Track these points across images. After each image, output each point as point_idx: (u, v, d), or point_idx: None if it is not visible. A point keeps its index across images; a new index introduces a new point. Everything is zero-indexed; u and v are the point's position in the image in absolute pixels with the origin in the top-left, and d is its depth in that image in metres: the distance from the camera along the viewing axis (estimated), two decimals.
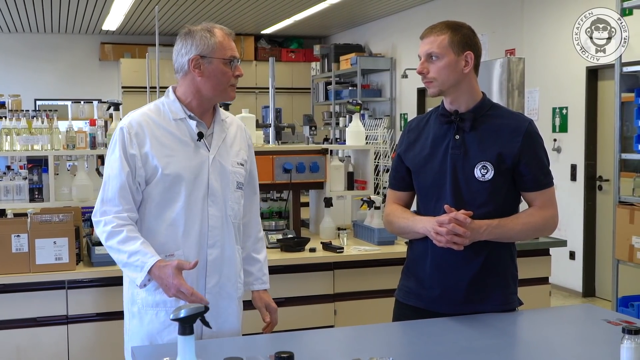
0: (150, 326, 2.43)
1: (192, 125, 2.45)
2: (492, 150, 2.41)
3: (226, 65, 2.43)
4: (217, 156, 2.48)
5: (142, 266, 2.29)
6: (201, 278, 2.45)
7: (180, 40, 2.45)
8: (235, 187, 2.53)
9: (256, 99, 12.22)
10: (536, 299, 3.94)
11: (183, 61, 2.43)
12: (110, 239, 2.35)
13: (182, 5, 9.64)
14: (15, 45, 12.08)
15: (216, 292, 2.48)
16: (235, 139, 2.59)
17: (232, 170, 2.52)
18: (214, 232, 2.46)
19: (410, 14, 10.14)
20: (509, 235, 2.43)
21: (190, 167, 2.42)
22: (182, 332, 1.73)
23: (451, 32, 2.42)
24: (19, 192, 3.90)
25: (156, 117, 2.45)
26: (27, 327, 3.39)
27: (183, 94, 2.47)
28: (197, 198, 2.43)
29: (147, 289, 2.42)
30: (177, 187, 2.41)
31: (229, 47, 2.44)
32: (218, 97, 2.48)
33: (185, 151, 2.43)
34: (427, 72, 2.44)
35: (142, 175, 2.40)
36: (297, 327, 3.50)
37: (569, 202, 6.97)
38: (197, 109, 2.47)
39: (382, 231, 4.01)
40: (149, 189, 2.42)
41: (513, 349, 2.25)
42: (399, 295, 2.62)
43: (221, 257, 2.49)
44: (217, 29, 2.44)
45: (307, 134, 4.94)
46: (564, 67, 7.18)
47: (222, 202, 2.48)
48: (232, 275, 2.54)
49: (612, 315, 2.56)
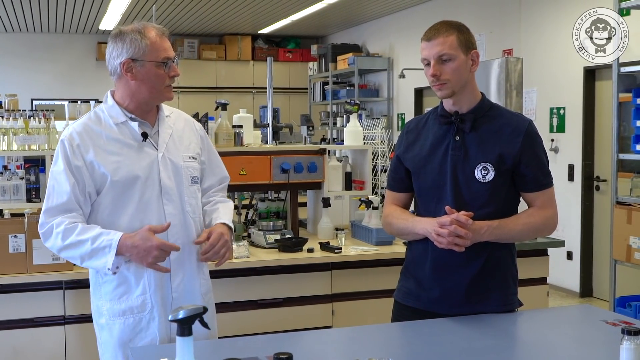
0: (121, 335, 2.40)
1: (135, 126, 2.41)
2: (493, 151, 2.40)
3: (159, 67, 2.37)
4: (166, 153, 2.44)
5: (110, 244, 2.24)
6: (166, 278, 2.42)
7: (111, 43, 2.39)
8: (190, 182, 2.49)
9: (253, 99, 12.22)
10: (534, 299, 3.94)
11: (115, 64, 2.38)
12: (68, 235, 2.29)
13: (179, 5, 9.63)
14: (12, 45, 12.05)
15: (182, 290, 2.45)
16: (184, 133, 2.54)
17: (185, 165, 2.48)
18: (174, 230, 2.42)
19: (408, 14, 10.14)
20: (509, 235, 2.43)
21: (139, 168, 2.38)
22: (181, 333, 1.72)
23: (458, 32, 2.40)
24: (16, 192, 3.89)
25: (96, 125, 2.41)
26: (24, 327, 3.38)
27: (120, 98, 2.43)
28: (151, 198, 2.39)
29: (111, 298, 2.39)
30: (129, 191, 2.36)
31: (162, 48, 2.38)
32: (154, 99, 2.43)
33: (132, 154, 2.39)
34: (440, 75, 2.39)
35: (91, 186, 2.36)
36: (295, 327, 3.51)
37: (567, 202, 6.97)
38: (136, 110, 2.43)
39: (380, 231, 4.01)
40: (100, 198, 2.38)
41: (513, 350, 2.25)
42: (397, 296, 2.61)
43: (183, 254, 2.44)
44: (150, 28, 2.38)
45: (304, 134, 4.94)
46: (561, 67, 7.18)
47: (178, 198, 2.44)
48: (195, 271, 2.50)
49: (611, 315, 2.56)
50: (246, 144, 4.23)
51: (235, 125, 4.20)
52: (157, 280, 2.40)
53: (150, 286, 2.39)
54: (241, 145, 4.16)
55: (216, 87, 12.03)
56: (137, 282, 2.39)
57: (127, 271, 2.39)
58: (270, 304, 3.73)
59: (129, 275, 2.39)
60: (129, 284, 2.39)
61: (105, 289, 2.41)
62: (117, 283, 2.39)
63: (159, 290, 2.40)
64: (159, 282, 2.40)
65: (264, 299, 3.71)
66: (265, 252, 3.89)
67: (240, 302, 3.68)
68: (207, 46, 12.44)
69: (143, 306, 2.39)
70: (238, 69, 12.49)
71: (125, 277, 2.39)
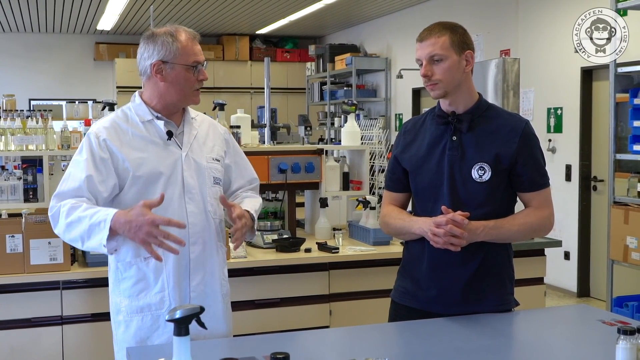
0: (139, 333, 2.41)
1: (160, 125, 2.43)
2: (490, 151, 2.41)
3: (189, 70, 2.40)
4: (190, 153, 2.46)
5: (105, 219, 2.20)
6: (184, 277, 2.43)
7: (143, 44, 2.42)
8: (212, 183, 2.50)
9: (251, 99, 12.22)
10: (531, 299, 3.94)
11: (145, 65, 2.41)
12: (71, 213, 2.25)
13: (177, 5, 9.63)
14: (9, 45, 12.04)
15: (200, 290, 2.46)
16: (208, 135, 2.56)
17: (208, 166, 2.50)
18: (195, 229, 2.43)
19: (405, 15, 10.14)
20: (505, 235, 2.43)
21: (162, 166, 2.40)
22: (178, 333, 1.72)
23: (450, 33, 2.41)
24: (13, 192, 3.89)
25: (124, 122, 2.43)
26: (21, 327, 3.38)
27: (148, 98, 2.46)
28: (174, 196, 2.40)
29: (129, 294, 2.40)
30: (151, 188, 2.37)
31: (192, 52, 2.40)
32: (182, 102, 2.46)
33: (156, 151, 2.41)
34: (431, 75, 2.41)
35: (115, 179, 2.37)
36: (293, 327, 3.51)
37: (564, 202, 6.98)
38: (163, 111, 2.45)
39: (377, 231, 4.01)
40: (123, 194, 2.39)
41: (509, 350, 2.25)
42: (394, 296, 2.61)
43: (203, 254, 2.46)
44: (182, 32, 2.40)
45: (302, 134, 4.94)
46: (558, 68, 7.19)
47: (201, 198, 2.46)
48: (216, 272, 2.51)
49: (607, 315, 2.56)
50: (244, 144, 4.23)
51: (232, 125, 4.20)
52: (175, 277, 2.41)
53: (169, 284, 2.40)
54: (239, 145, 4.15)
55: (214, 88, 12.02)
56: (156, 278, 2.40)
57: (146, 267, 2.40)
58: (267, 304, 3.73)
59: (147, 271, 2.40)
60: (148, 281, 2.40)
61: (125, 285, 2.43)
62: (136, 279, 2.41)
63: (177, 288, 2.41)
64: (177, 279, 2.41)
65: (262, 299, 3.71)
66: (263, 252, 3.89)
67: (237, 302, 3.66)
68: (205, 46, 12.41)
69: (161, 303, 2.40)
70: (236, 69, 12.49)
71: (144, 273, 2.40)
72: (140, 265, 2.40)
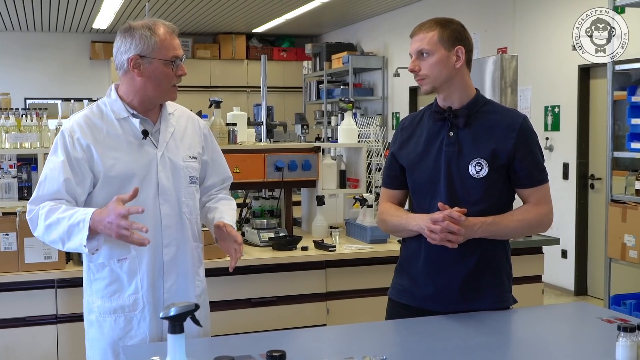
0: (111, 333, 2.38)
1: (136, 123, 2.38)
2: (487, 146, 2.39)
3: (167, 65, 2.34)
4: (166, 152, 2.41)
5: (83, 219, 2.17)
6: (158, 278, 2.39)
7: (120, 37, 2.36)
8: (188, 183, 2.45)
9: (247, 97, 12.19)
10: (529, 298, 3.92)
11: (122, 59, 2.35)
12: (50, 215, 2.22)
13: (172, 3, 9.60)
14: (5, 44, 12.01)
15: (174, 292, 2.42)
16: (186, 131, 2.51)
17: (184, 165, 2.44)
18: (169, 232, 2.39)
19: (402, 13, 10.13)
20: (503, 232, 2.41)
21: (137, 166, 2.35)
22: (172, 330, 1.70)
23: (440, 28, 2.40)
24: (7, 190, 3.87)
25: (98, 118, 2.38)
26: (15, 326, 3.36)
27: (125, 93, 2.40)
28: (148, 198, 2.35)
29: (102, 295, 2.37)
30: (124, 189, 2.30)
31: (171, 46, 2.35)
32: (159, 98, 2.40)
33: (131, 150, 2.36)
34: (418, 70, 2.42)
35: (90, 178, 2.33)
36: (289, 326, 3.49)
37: (561, 200, 6.97)
38: (139, 107, 2.39)
39: (374, 229, 3.99)
40: (95, 192, 2.35)
41: (507, 347, 2.23)
42: (392, 294, 2.59)
43: (177, 256, 2.42)
44: (160, 25, 2.35)
45: (299, 133, 4.92)
46: (556, 66, 7.18)
47: (175, 199, 2.41)
48: (189, 273, 2.47)
49: (606, 312, 2.54)
50: (240, 142, 4.21)
51: (229, 123, 4.18)
52: (150, 279, 2.37)
53: (143, 286, 2.37)
54: (235, 143, 4.14)
55: (210, 86, 11.99)
56: (130, 280, 2.36)
57: (119, 269, 2.36)
58: (264, 302, 3.71)
59: (121, 273, 2.36)
60: (122, 283, 2.37)
61: (97, 286, 2.39)
62: (109, 281, 2.37)
63: (151, 290, 2.38)
64: (151, 281, 2.38)
65: (258, 298, 3.69)
66: (259, 251, 3.87)
67: (234, 300, 3.66)
68: (201, 45, 12.41)
69: (134, 305, 2.37)
70: (232, 68, 12.46)
71: (118, 275, 2.37)
72: (114, 267, 2.36)
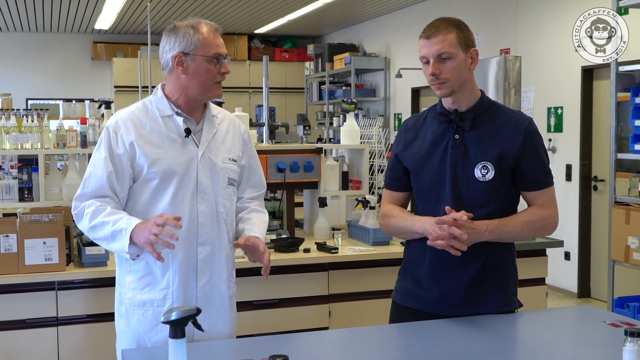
0: (138, 326, 2.40)
1: (179, 121, 2.42)
2: (493, 149, 2.36)
3: (210, 62, 2.39)
4: (207, 152, 2.44)
5: (127, 227, 2.23)
6: (191, 276, 2.41)
7: (165, 37, 2.42)
8: (226, 184, 2.49)
9: (249, 98, 12.18)
10: (533, 300, 3.90)
11: (167, 58, 2.41)
12: (95, 217, 2.30)
13: (174, 4, 9.59)
14: (7, 44, 12.01)
15: (207, 291, 2.44)
16: (227, 134, 2.55)
17: (223, 166, 2.48)
18: (204, 230, 2.42)
19: (404, 14, 10.11)
20: (509, 235, 2.39)
21: (177, 163, 2.38)
22: (174, 335, 1.68)
23: (457, 30, 2.36)
24: (8, 191, 3.84)
25: (143, 115, 2.43)
26: (16, 329, 3.33)
27: (170, 92, 2.46)
28: (186, 195, 2.39)
29: (134, 287, 2.39)
30: (164, 185, 2.37)
31: (214, 44, 2.40)
32: (203, 95, 2.44)
33: (173, 148, 2.40)
34: (439, 73, 2.35)
35: (130, 174, 2.38)
36: (291, 328, 3.47)
37: (564, 202, 6.94)
38: (184, 105, 2.44)
39: (377, 231, 3.97)
40: (136, 187, 2.39)
41: (513, 352, 2.21)
42: (396, 297, 2.57)
43: (212, 255, 2.44)
44: (203, 24, 2.40)
45: (301, 134, 4.90)
46: (559, 67, 7.16)
47: (213, 198, 2.44)
48: (224, 273, 2.49)
49: (612, 316, 2.52)
50: None
51: None
52: (182, 276, 2.38)
53: (174, 282, 2.38)
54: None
55: None
56: (162, 275, 2.38)
57: (154, 263, 2.37)
58: (266, 304, 3.69)
59: (155, 267, 2.38)
60: (154, 276, 2.39)
61: (131, 278, 2.42)
62: (142, 274, 2.40)
63: (182, 286, 2.39)
64: (184, 278, 2.39)
65: (260, 300, 3.67)
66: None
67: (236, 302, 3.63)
68: None
69: (164, 300, 2.38)
70: (234, 68, 12.29)
71: (152, 269, 2.39)
72: (149, 260, 2.37)
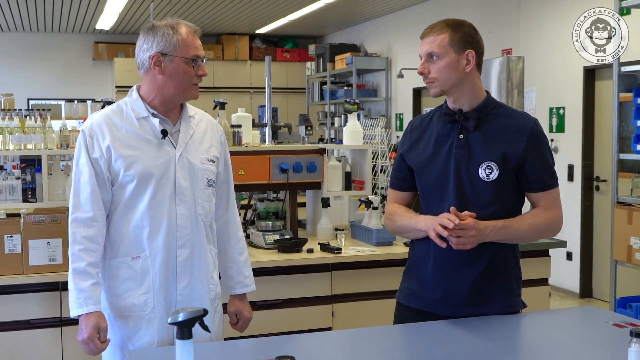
0: (120, 332, 2.39)
1: (155, 123, 2.39)
2: (497, 150, 2.37)
3: (188, 64, 2.36)
4: (184, 153, 2.42)
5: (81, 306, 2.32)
6: (171, 280, 2.39)
7: (143, 35, 2.39)
8: (205, 185, 2.46)
9: (251, 98, 12.18)
10: (535, 301, 3.90)
11: (144, 57, 2.38)
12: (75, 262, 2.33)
13: (176, 4, 9.59)
14: (8, 45, 12.01)
15: (187, 294, 2.42)
16: (205, 135, 2.52)
17: (202, 167, 2.45)
18: (183, 232, 2.40)
19: (406, 14, 10.11)
20: (514, 236, 2.39)
21: (154, 165, 2.36)
22: (180, 336, 1.68)
23: (451, 31, 2.38)
24: (11, 192, 3.85)
25: (118, 117, 2.40)
26: (20, 329, 3.34)
27: (145, 93, 2.43)
28: (164, 197, 2.37)
29: (116, 293, 2.39)
30: (141, 187, 2.35)
31: (193, 45, 2.38)
32: (180, 96, 2.42)
33: (149, 150, 2.37)
34: (428, 73, 2.40)
35: (107, 177, 2.36)
36: (295, 329, 3.47)
37: (566, 202, 6.86)
38: (160, 106, 2.41)
39: (380, 232, 3.97)
40: (114, 191, 2.38)
41: (517, 353, 2.21)
42: (400, 297, 2.57)
43: (191, 258, 2.42)
44: (182, 25, 2.38)
45: (303, 134, 4.90)
46: (560, 67, 7.16)
47: (192, 200, 2.42)
48: (204, 276, 2.46)
49: (616, 317, 2.52)
50: (245, 143, 4.20)
51: (233, 124, 4.16)
52: (162, 280, 2.37)
53: (155, 286, 2.37)
54: (240, 144, 4.12)
55: (213, 87, 11.98)
56: (142, 279, 2.37)
57: (133, 268, 2.37)
58: (269, 305, 3.69)
59: (135, 272, 2.37)
60: (134, 281, 2.38)
61: (111, 283, 2.40)
62: (123, 278, 2.39)
63: (162, 290, 2.38)
64: (164, 282, 2.38)
65: (263, 300, 3.67)
66: (264, 253, 3.85)
67: None
68: (205, 46, 12.05)
69: (144, 305, 2.37)
70: (235, 68, 12.45)
71: (132, 273, 2.37)
72: (130, 264, 2.37)
